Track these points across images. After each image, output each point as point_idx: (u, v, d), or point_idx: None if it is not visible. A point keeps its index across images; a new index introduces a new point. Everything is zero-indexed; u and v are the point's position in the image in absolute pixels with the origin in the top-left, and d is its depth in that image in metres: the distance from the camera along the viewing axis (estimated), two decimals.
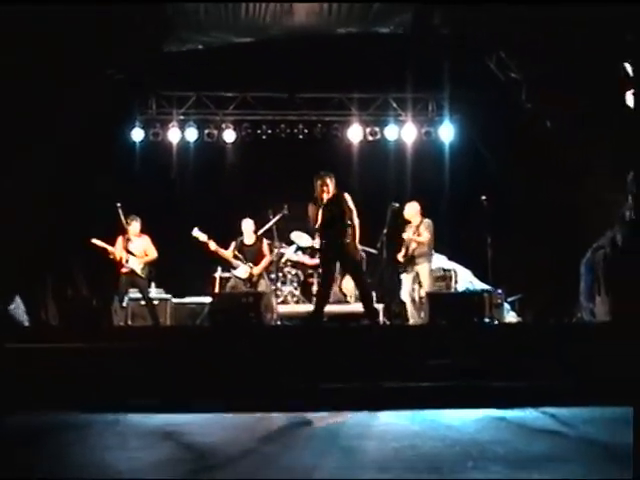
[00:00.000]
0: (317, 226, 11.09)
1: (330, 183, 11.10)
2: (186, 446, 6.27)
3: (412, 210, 13.06)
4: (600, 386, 8.19)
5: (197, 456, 5.90)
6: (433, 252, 13.17)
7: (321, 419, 7.44)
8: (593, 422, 7.08)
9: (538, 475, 5.05)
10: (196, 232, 13.57)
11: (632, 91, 11.24)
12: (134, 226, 13.53)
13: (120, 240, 13.40)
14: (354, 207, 11.10)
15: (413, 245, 12.85)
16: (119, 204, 13.15)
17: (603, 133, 11.97)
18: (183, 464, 5.61)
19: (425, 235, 12.80)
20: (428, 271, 12.86)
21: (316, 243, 14.51)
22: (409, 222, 13.08)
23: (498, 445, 5.97)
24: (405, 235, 12.91)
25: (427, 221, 13.01)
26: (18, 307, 12.53)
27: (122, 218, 13.25)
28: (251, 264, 13.62)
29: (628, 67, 11.19)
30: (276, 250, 14.32)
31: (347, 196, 11.12)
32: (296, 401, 8.01)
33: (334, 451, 5.94)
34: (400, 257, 13.03)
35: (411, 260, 12.91)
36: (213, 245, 13.57)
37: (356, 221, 11.05)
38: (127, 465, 5.53)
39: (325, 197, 11.04)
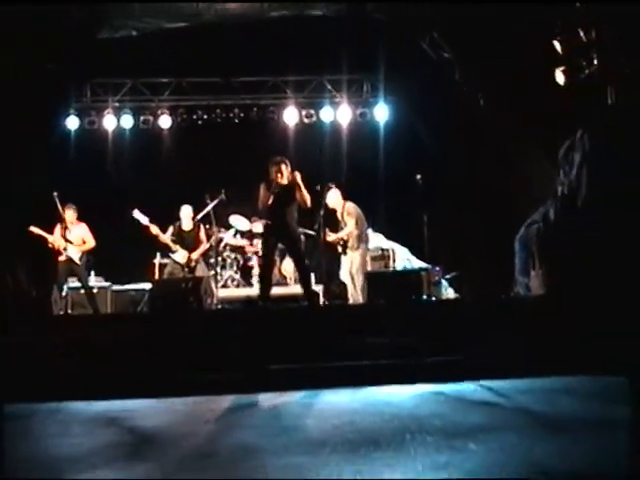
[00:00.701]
0: (265, 208, 11.16)
1: (285, 169, 11.20)
2: (128, 430, 6.31)
3: (334, 199, 13.07)
4: (536, 358, 8.38)
5: (139, 439, 5.95)
6: (365, 232, 13.18)
7: (264, 400, 7.52)
8: (529, 393, 7.23)
9: (474, 445, 5.17)
10: (137, 214, 13.50)
11: (562, 68, 11.42)
12: (70, 214, 13.44)
13: (58, 228, 13.32)
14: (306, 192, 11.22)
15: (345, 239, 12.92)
16: (55, 193, 13.07)
17: (535, 110, 12.14)
18: (124, 447, 5.65)
19: (350, 225, 12.85)
20: (361, 255, 12.92)
21: (255, 227, 14.60)
22: (334, 210, 13.12)
23: (436, 418, 6.10)
24: (329, 238, 12.91)
25: (349, 206, 13.01)
26: None
27: (59, 206, 13.17)
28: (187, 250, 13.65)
29: (557, 45, 11.37)
30: (215, 235, 14.31)
31: (300, 181, 11.20)
32: (239, 383, 8.08)
33: (275, 430, 6.02)
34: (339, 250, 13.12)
35: (346, 244, 12.99)
36: (155, 229, 13.53)
37: (308, 202, 11.20)
38: (69, 451, 5.56)
39: (279, 182, 11.12)
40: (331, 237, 12.89)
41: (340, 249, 13.01)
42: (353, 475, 4.61)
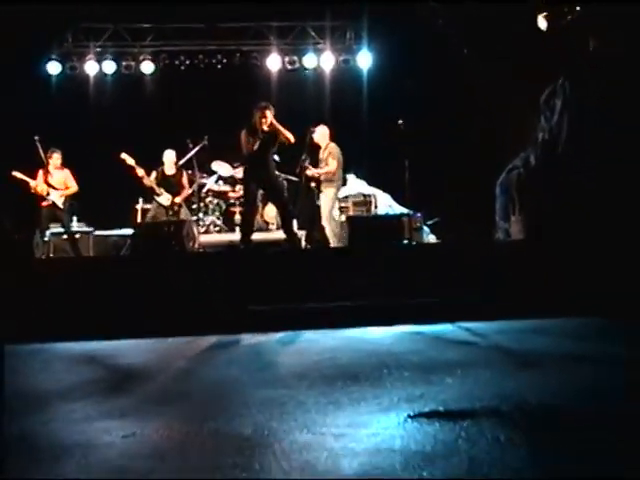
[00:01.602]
0: (251, 153, 11.21)
1: (269, 115, 11.22)
2: (109, 368, 6.42)
3: (321, 134, 13.14)
4: (513, 300, 8.51)
5: (119, 376, 6.04)
6: (340, 176, 13.24)
7: (247, 339, 7.64)
8: (505, 333, 7.38)
9: (450, 379, 5.29)
10: (124, 156, 13.48)
11: (544, 14, 11.43)
12: (55, 158, 13.42)
13: (40, 173, 13.29)
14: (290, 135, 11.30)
15: (321, 177, 12.97)
16: (37, 137, 13.03)
17: (517, 56, 12.15)
18: (105, 383, 5.76)
19: (331, 164, 12.91)
20: (333, 195, 13.00)
21: (237, 172, 14.62)
22: (319, 146, 13.16)
23: (413, 355, 6.22)
24: (309, 172, 12.96)
25: (332, 146, 13.07)
26: None
27: (40, 151, 13.14)
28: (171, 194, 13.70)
29: None
30: (197, 180, 14.33)
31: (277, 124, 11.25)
32: (222, 324, 8.18)
33: (257, 365, 6.14)
34: (312, 186, 13.18)
35: (319, 187, 13.05)
36: (140, 171, 13.53)
37: (291, 138, 11.30)
38: (50, 387, 5.65)
39: (264, 128, 11.16)
40: (311, 171, 12.94)
41: (314, 186, 13.07)
42: (328, 406, 4.73)
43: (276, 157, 11.92)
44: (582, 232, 9.57)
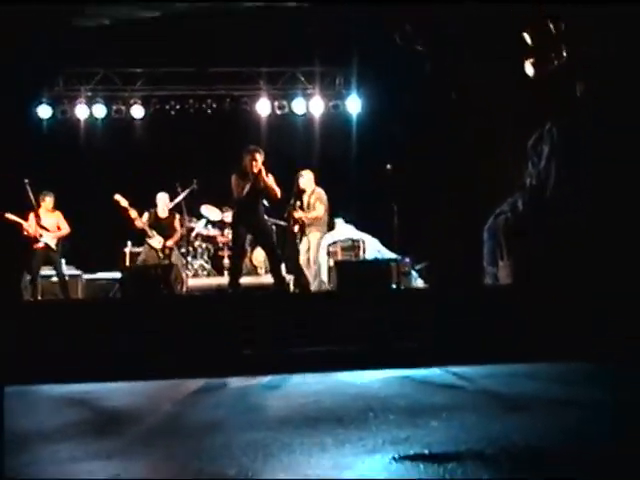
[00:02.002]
0: (241, 197, 11.23)
1: (259, 158, 11.26)
2: (94, 410, 6.40)
3: (307, 179, 13.20)
4: (501, 345, 8.51)
5: (104, 418, 6.02)
6: (326, 221, 13.29)
7: (234, 383, 7.63)
8: (492, 377, 7.37)
9: (436, 422, 5.28)
10: (118, 197, 13.56)
11: (531, 60, 11.53)
12: (48, 201, 13.45)
13: (32, 216, 13.29)
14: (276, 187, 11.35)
15: (306, 221, 13.02)
16: (27, 180, 13.05)
17: (504, 102, 12.25)
18: (89, 425, 5.73)
19: (319, 209, 12.99)
20: (318, 240, 13.06)
21: (227, 217, 14.66)
22: (304, 191, 13.22)
23: (400, 399, 6.21)
24: (297, 215, 13.01)
25: (319, 191, 13.14)
26: None
27: (31, 195, 13.15)
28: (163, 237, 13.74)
29: (526, 36, 11.47)
30: (186, 224, 14.36)
31: (266, 176, 11.31)
32: (209, 367, 8.17)
33: (241, 408, 6.12)
34: (296, 229, 13.22)
35: (303, 231, 13.10)
36: (134, 213, 13.59)
37: (278, 193, 11.35)
38: (34, 428, 5.62)
39: (254, 171, 11.19)
40: (299, 213, 12.98)
41: (297, 230, 13.10)
42: (313, 448, 4.71)
43: (265, 202, 11.94)
44: (570, 277, 9.61)
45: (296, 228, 13.15)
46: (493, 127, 12.74)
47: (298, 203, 13.02)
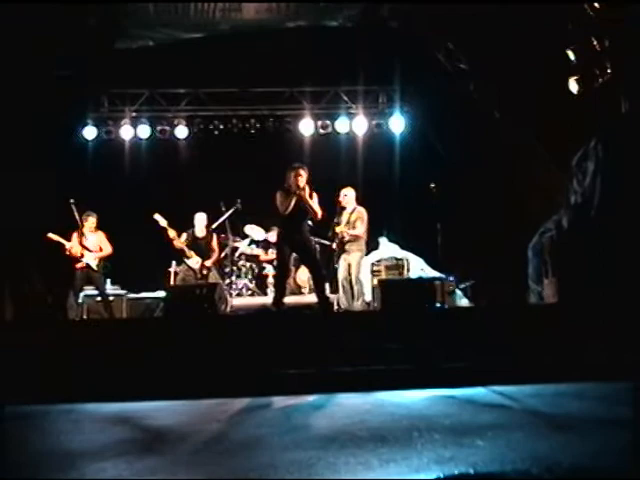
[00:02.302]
0: (285, 214, 11.24)
1: (304, 174, 11.29)
2: (140, 428, 6.39)
3: (349, 197, 13.22)
4: (548, 364, 8.42)
5: (150, 436, 6.02)
6: (366, 240, 13.29)
7: (278, 402, 7.60)
8: (539, 396, 7.28)
9: (481, 442, 5.23)
10: (157, 216, 13.67)
11: (575, 77, 11.46)
12: (90, 221, 13.58)
13: (75, 236, 13.43)
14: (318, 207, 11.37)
15: (346, 236, 13.02)
16: (72, 200, 13.18)
17: (549, 119, 12.18)
18: (135, 443, 5.73)
19: (359, 228, 13.00)
20: (358, 259, 13.05)
21: (270, 236, 14.71)
22: (344, 208, 13.24)
23: (445, 418, 6.15)
24: (338, 229, 13.04)
25: (361, 211, 13.15)
26: None
27: (76, 214, 13.29)
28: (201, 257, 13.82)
29: (571, 54, 11.41)
30: (230, 244, 14.41)
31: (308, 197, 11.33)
32: (254, 386, 8.15)
33: (286, 427, 6.09)
34: (334, 246, 13.26)
35: (343, 249, 13.12)
36: (172, 232, 13.68)
37: (319, 214, 11.36)
38: (81, 446, 5.64)
39: (299, 186, 11.20)
40: (340, 227, 13.01)
41: (337, 246, 13.12)
42: (358, 467, 4.69)
43: (309, 222, 11.96)
44: (617, 295, 9.51)
45: (335, 244, 13.16)
46: (537, 145, 12.67)
47: (339, 220, 13.04)
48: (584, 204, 11.35)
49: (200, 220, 14.08)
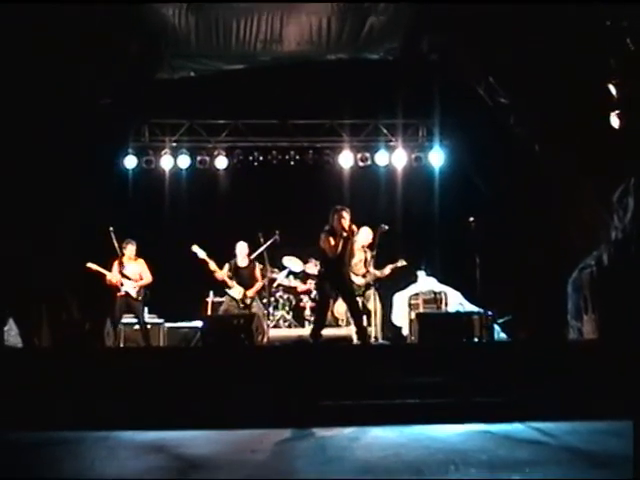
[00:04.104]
0: (335, 256, 11.28)
1: (347, 216, 11.34)
2: (175, 457, 6.40)
3: (365, 237, 13.28)
4: (586, 401, 8.34)
5: (185, 465, 6.02)
6: None
7: (314, 434, 7.58)
8: (576, 433, 7.22)
9: (518, 477, 5.17)
10: (196, 248, 13.68)
11: (616, 112, 11.40)
12: (130, 249, 13.60)
13: (115, 264, 13.49)
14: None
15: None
16: (112, 228, 13.24)
17: (589, 154, 12.11)
18: (171, 471, 5.73)
19: (387, 268, 13.16)
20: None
21: (308, 268, 14.72)
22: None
23: (481, 453, 6.11)
24: (387, 271, 13.21)
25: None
26: (11, 329, 12.55)
27: (115, 243, 13.34)
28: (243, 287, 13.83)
29: (612, 89, 11.36)
30: (268, 275, 14.40)
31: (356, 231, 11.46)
32: (290, 418, 8.14)
33: (322, 459, 6.07)
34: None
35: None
36: (212, 264, 13.70)
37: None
38: (116, 472, 5.65)
39: (345, 229, 11.26)
40: (387, 269, 13.12)
41: (363, 283, 13.22)
42: None
43: None
44: None
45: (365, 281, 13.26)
46: (578, 179, 12.60)
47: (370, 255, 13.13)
48: (625, 240, 11.27)
49: (242, 249, 14.06)
